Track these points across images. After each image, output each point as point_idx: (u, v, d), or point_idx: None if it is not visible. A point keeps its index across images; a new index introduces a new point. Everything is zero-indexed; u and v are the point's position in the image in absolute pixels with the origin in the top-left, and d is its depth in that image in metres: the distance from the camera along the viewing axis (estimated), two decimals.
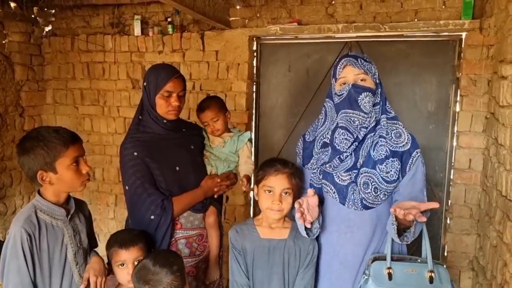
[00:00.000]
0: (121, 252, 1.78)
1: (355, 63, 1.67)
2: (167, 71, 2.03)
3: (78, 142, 1.66)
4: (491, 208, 2.44)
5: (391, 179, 1.66)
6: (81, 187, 1.68)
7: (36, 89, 4.00)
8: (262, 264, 1.75)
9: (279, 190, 1.69)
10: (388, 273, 1.59)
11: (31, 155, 1.57)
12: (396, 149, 1.68)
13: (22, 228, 1.53)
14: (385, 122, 1.72)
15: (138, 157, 1.94)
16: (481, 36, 2.73)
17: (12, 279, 1.53)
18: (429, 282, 1.56)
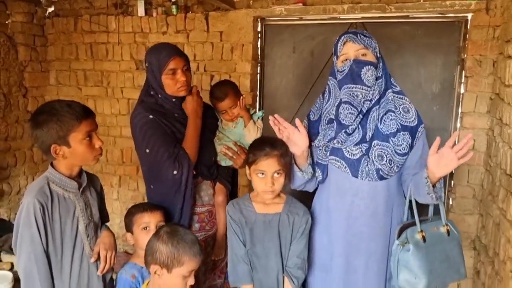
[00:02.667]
0: (145, 215, 1.88)
1: (355, 39, 1.72)
2: (167, 50, 2.03)
3: (91, 117, 1.67)
4: (495, 187, 2.46)
5: (402, 152, 1.72)
6: (93, 161, 1.70)
7: (39, 70, 3.99)
8: (259, 238, 1.81)
9: (271, 172, 1.74)
10: (422, 236, 1.70)
11: (45, 128, 1.58)
12: (405, 123, 1.75)
13: (35, 199, 1.55)
14: (391, 95, 1.78)
15: (154, 119, 1.96)
16: (487, 16, 2.73)
17: (25, 248, 1.56)
18: (447, 235, 1.73)
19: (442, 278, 1.71)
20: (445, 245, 1.73)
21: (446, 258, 1.72)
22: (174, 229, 1.61)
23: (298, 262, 1.79)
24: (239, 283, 1.83)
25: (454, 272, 1.76)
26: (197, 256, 1.54)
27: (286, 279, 1.80)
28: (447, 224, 1.75)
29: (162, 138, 1.98)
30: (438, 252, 1.71)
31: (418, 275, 1.67)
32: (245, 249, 1.81)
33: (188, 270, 1.52)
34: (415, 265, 1.67)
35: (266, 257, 1.81)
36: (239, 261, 1.81)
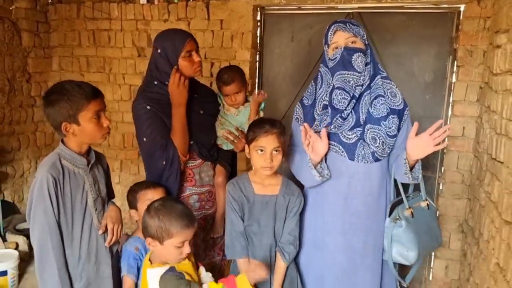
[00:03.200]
0: (149, 192, 2.00)
1: (345, 28, 1.85)
2: (181, 34, 2.14)
3: (100, 97, 1.76)
4: (482, 172, 2.58)
5: (392, 134, 1.89)
6: (101, 139, 1.80)
7: (43, 56, 4.07)
8: (256, 216, 1.93)
9: (270, 149, 1.85)
10: (411, 212, 1.90)
11: (56, 107, 1.68)
12: (394, 107, 1.91)
13: (48, 173, 1.66)
14: (380, 81, 1.91)
15: (152, 110, 2.06)
16: (479, 8, 2.83)
17: (39, 219, 1.66)
18: (427, 208, 1.98)
19: (427, 247, 1.93)
20: (426, 218, 1.96)
21: (429, 229, 1.94)
22: (163, 203, 1.69)
23: (290, 238, 1.93)
24: (235, 256, 1.94)
25: (435, 241, 1.98)
26: (186, 228, 1.61)
27: (278, 255, 1.93)
28: (426, 199, 1.99)
29: (157, 129, 2.08)
30: (423, 225, 1.91)
31: (410, 247, 1.86)
32: (243, 226, 1.93)
33: (179, 241, 1.61)
34: (407, 239, 1.85)
35: (261, 234, 1.93)
36: (237, 237, 1.92)
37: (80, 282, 1.76)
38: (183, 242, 1.61)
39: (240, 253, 1.92)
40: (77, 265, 1.76)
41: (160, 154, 2.09)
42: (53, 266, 1.67)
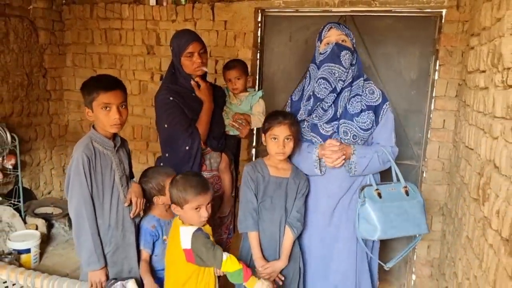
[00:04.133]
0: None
1: (338, 27, 2.14)
2: (187, 36, 2.46)
3: (112, 91, 1.98)
4: (458, 160, 2.90)
5: (366, 128, 2.16)
6: (111, 129, 2.04)
7: (57, 52, 4.37)
8: (269, 195, 2.20)
9: (282, 137, 2.13)
10: (378, 193, 2.09)
11: (82, 94, 2.02)
12: (370, 103, 2.18)
13: (83, 153, 1.96)
14: (362, 82, 2.19)
15: (174, 101, 2.37)
16: (458, 13, 3.14)
17: (76, 192, 1.97)
18: (406, 195, 2.13)
19: (398, 228, 2.08)
20: (403, 203, 2.11)
21: (404, 213, 2.08)
22: (182, 176, 2.02)
23: (297, 216, 2.20)
24: (248, 229, 2.19)
25: (413, 226, 2.12)
26: (199, 194, 1.92)
27: (288, 228, 2.19)
28: (406, 186, 2.16)
29: (179, 117, 2.39)
30: (396, 208, 2.08)
31: (374, 224, 2.05)
32: (257, 202, 2.19)
33: (195, 205, 1.92)
34: (371, 217, 2.05)
35: (273, 210, 2.19)
36: (251, 212, 2.19)
37: (109, 247, 2.07)
38: (198, 205, 1.92)
39: (252, 227, 2.17)
40: (107, 232, 2.06)
41: (184, 140, 2.39)
42: (88, 231, 1.98)
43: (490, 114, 2.07)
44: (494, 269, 1.74)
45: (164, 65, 4.04)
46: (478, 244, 2.06)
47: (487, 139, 2.08)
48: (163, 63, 4.06)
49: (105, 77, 2.06)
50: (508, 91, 1.78)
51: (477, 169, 2.24)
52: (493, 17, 2.16)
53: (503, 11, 1.95)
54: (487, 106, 2.13)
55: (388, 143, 2.23)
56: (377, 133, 2.21)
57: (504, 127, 1.79)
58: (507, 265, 1.57)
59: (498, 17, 2.04)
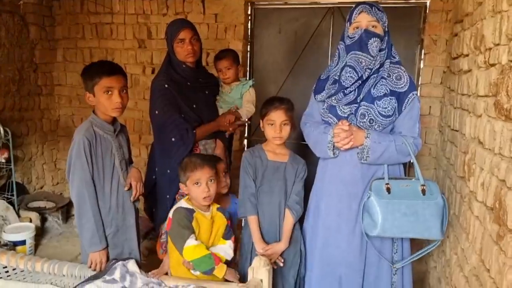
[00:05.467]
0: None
1: (370, 11, 1.94)
2: (179, 23, 2.53)
3: (114, 76, 2.03)
4: (444, 143, 3.01)
5: (386, 114, 1.98)
6: (113, 112, 2.08)
7: (48, 47, 4.38)
8: (268, 178, 2.24)
9: (279, 122, 2.17)
10: (387, 188, 1.93)
11: (83, 78, 2.07)
12: (395, 89, 1.99)
13: (84, 136, 2.01)
14: (388, 65, 2.02)
15: (168, 89, 2.43)
16: (442, 2, 3.26)
17: (77, 174, 2.01)
18: (422, 194, 1.93)
19: (402, 229, 1.91)
20: (416, 202, 1.91)
21: (414, 213, 1.89)
22: (187, 157, 2.14)
23: (297, 199, 2.22)
24: (247, 213, 2.20)
25: (423, 229, 1.91)
26: (196, 169, 1.99)
27: (287, 211, 2.20)
28: (424, 184, 1.94)
29: (170, 107, 2.44)
30: (404, 206, 1.90)
31: (375, 220, 1.92)
32: (255, 187, 2.23)
33: (195, 179, 1.99)
34: (374, 210, 1.92)
35: (272, 193, 2.21)
36: (249, 196, 2.20)
37: (110, 228, 2.12)
38: (197, 179, 1.99)
39: (251, 211, 2.19)
40: (108, 214, 2.11)
41: (172, 129, 2.44)
42: (89, 213, 2.02)
43: (473, 94, 2.17)
44: (480, 238, 1.84)
45: (156, 59, 4.10)
46: (464, 218, 2.16)
47: (471, 118, 2.18)
48: (155, 56, 4.11)
49: (107, 62, 2.13)
50: (490, 70, 1.88)
51: (463, 148, 2.34)
52: (475, 2, 2.27)
53: None
54: (471, 87, 2.23)
55: (411, 134, 2.03)
56: (400, 122, 2.03)
57: (487, 103, 1.89)
58: (492, 231, 1.67)
59: (479, 1, 2.15)
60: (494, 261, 1.61)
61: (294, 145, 3.47)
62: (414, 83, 2.06)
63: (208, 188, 1.99)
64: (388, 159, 1.99)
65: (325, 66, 3.71)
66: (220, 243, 2.07)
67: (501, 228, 1.57)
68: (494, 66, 1.82)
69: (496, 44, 1.81)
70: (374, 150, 1.95)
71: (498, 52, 1.77)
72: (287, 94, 3.79)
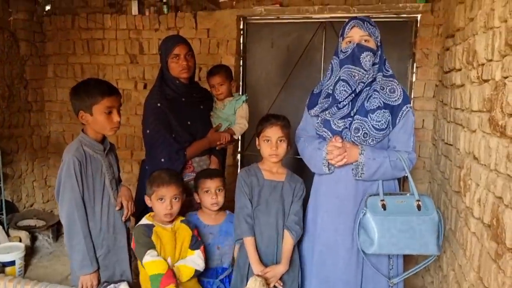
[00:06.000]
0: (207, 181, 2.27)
1: (362, 26, 1.95)
2: (173, 39, 2.51)
3: (114, 95, 2.03)
4: (438, 157, 3.01)
5: (380, 127, 1.95)
6: (110, 132, 2.06)
7: (39, 63, 4.35)
8: (265, 199, 2.17)
9: (275, 138, 2.12)
10: (382, 204, 1.89)
11: (77, 97, 2.00)
12: (389, 102, 1.97)
13: (74, 156, 1.96)
14: (380, 79, 2.01)
15: (160, 108, 2.39)
16: (432, 17, 3.29)
17: (67, 194, 1.96)
18: (417, 209, 1.89)
19: (399, 245, 1.87)
20: (411, 218, 1.87)
21: (410, 229, 1.86)
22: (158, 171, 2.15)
23: (295, 219, 2.14)
24: (243, 235, 2.12)
25: (419, 245, 1.87)
26: (163, 185, 2.02)
27: (286, 232, 2.12)
28: (419, 200, 1.90)
29: (161, 127, 2.39)
30: (400, 222, 1.86)
31: (371, 237, 1.88)
32: (251, 207, 2.16)
33: (160, 195, 2.02)
34: (370, 227, 1.88)
35: (268, 215, 2.13)
36: (245, 217, 2.12)
37: (101, 249, 2.07)
38: (162, 196, 2.02)
39: (248, 232, 2.11)
40: (98, 235, 2.06)
41: (161, 150, 2.40)
42: (80, 235, 1.97)
43: (467, 109, 2.17)
44: (478, 255, 1.82)
45: (148, 74, 4.08)
46: (461, 234, 2.14)
47: (465, 133, 2.18)
48: (147, 72, 4.09)
49: (104, 82, 2.09)
50: (484, 86, 1.88)
51: (457, 163, 2.33)
52: (466, 17, 2.28)
53: (475, 11, 2.07)
54: (464, 102, 2.23)
55: (405, 148, 2.00)
56: (394, 136, 2.00)
57: (481, 119, 1.88)
58: (490, 248, 1.65)
59: (471, 17, 2.16)
60: (493, 279, 1.59)
61: (289, 160, 3.45)
62: (408, 96, 2.05)
63: (171, 205, 2.01)
64: (383, 175, 1.96)
65: (318, 80, 3.74)
66: (189, 254, 2.08)
67: (499, 246, 1.55)
68: (488, 82, 1.82)
69: (488, 59, 1.81)
70: (368, 166, 1.93)
71: (491, 68, 1.77)
72: (280, 108, 3.82)
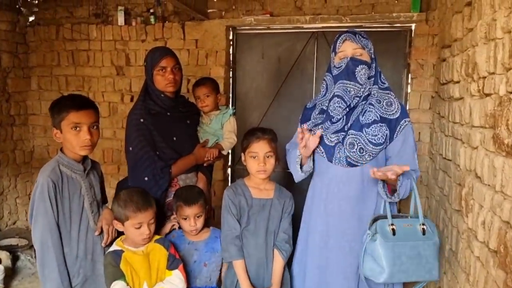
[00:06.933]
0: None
1: (354, 38, 1.87)
2: (160, 51, 2.37)
3: (83, 110, 1.86)
4: (436, 171, 2.89)
5: (377, 142, 1.86)
6: (81, 151, 1.90)
7: (22, 76, 4.20)
8: (253, 218, 2.06)
9: (262, 154, 2.01)
10: (392, 229, 1.77)
11: (51, 113, 1.89)
12: (386, 116, 1.88)
13: (48, 177, 1.82)
14: (376, 91, 1.92)
15: (144, 124, 2.25)
16: (427, 26, 3.20)
17: (41, 219, 1.81)
18: (422, 234, 1.79)
19: (408, 273, 1.76)
20: (418, 243, 1.77)
21: (417, 255, 1.76)
22: (126, 191, 1.97)
23: (285, 237, 2.06)
24: (232, 258, 2.03)
25: (425, 271, 1.79)
26: (139, 211, 1.86)
27: (276, 252, 2.04)
28: (423, 223, 1.82)
29: (144, 143, 2.25)
30: (409, 248, 1.76)
31: (382, 265, 1.74)
32: (239, 228, 2.04)
33: (137, 222, 1.87)
34: (380, 256, 1.74)
35: (257, 235, 2.04)
36: (233, 239, 2.03)
37: (78, 278, 1.91)
38: (139, 223, 1.87)
39: (236, 255, 2.02)
40: (75, 263, 1.90)
41: (145, 168, 2.25)
42: (53, 262, 1.82)
43: (467, 124, 2.05)
44: (483, 282, 1.69)
45: (135, 86, 3.94)
46: (463, 256, 2.02)
47: (465, 149, 2.06)
48: (133, 84, 3.96)
49: (77, 96, 1.95)
50: (485, 100, 1.76)
51: (457, 180, 2.21)
52: (464, 28, 2.18)
53: (474, 21, 1.96)
54: (464, 116, 2.12)
55: (412, 167, 1.87)
56: (393, 151, 1.91)
57: (483, 136, 1.76)
58: (497, 277, 1.52)
59: (469, 27, 2.05)
60: None
61: (279, 174, 3.32)
62: (406, 110, 1.96)
63: (149, 230, 1.90)
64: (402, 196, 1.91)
65: (310, 91, 3.65)
66: (167, 275, 1.95)
67: (508, 276, 1.42)
68: (490, 96, 1.70)
69: (490, 72, 1.70)
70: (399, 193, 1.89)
71: (494, 82, 1.65)
72: (271, 121, 3.71)
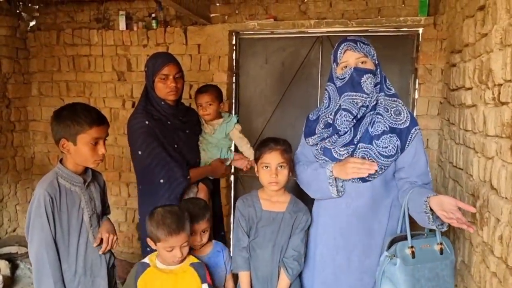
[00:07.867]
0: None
1: (355, 47, 1.76)
2: (163, 58, 2.30)
3: (103, 125, 1.83)
4: (445, 180, 2.81)
5: (388, 154, 1.76)
6: (93, 164, 1.86)
7: (22, 81, 4.14)
8: (262, 231, 1.99)
9: (275, 165, 1.93)
10: (412, 252, 1.68)
11: (60, 123, 1.77)
12: (395, 125, 1.79)
13: (46, 191, 1.74)
14: (382, 99, 1.82)
15: (149, 126, 2.18)
16: (435, 31, 3.12)
17: (37, 235, 1.75)
18: (439, 253, 1.72)
19: None
20: (436, 264, 1.71)
21: (435, 276, 1.71)
22: (160, 211, 1.83)
23: (294, 254, 1.95)
24: (238, 269, 2.01)
25: None
26: (170, 235, 1.75)
27: (282, 269, 1.95)
28: (441, 243, 1.74)
29: (155, 144, 2.19)
30: (427, 270, 1.70)
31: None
32: (248, 241, 1.99)
33: (168, 246, 1.76)
34: (400, 280, 1.66)
35: (265, 248, 1.97)
36: (240, 251, 1.99)
37: None
38: (171, 246, 1.77)
39: (242, 266, 1.99)
40: (73, 279, 1.83)
41: (159, 171, 2.18)
42: (50, 279, 1.74)
43: (481, 132, 1.97)
44: None
45: (136, 92, 3.88)
46: (477, 271, 1.93)
47: (479, 159, 1.98)
48: (135, 89, 3.89)
49: (93, 109, 1.87)
50: (502, 108, 1.68)
51: (470, 190, 2.13)
52: (477, 33, 2.10)
53: (488, 26, 1.88)
54: (477, 124, 2.04)
55: (425, 180, 1.82)
56: (404, 163, 1.81)
57: (500, 146, 1.68)
58: None
59: (483, 32, 1.97)
60: None
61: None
62: (415, 118, 1.87)
63: (182, 253, 1.79)
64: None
65: (315, 97, 3.57)
66: None
67: None
68: (507, 105, 1.62)
69: (507, 80, 1.62)
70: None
71: (511, 90, 1.58)
72: (276, 127, 3.64)
